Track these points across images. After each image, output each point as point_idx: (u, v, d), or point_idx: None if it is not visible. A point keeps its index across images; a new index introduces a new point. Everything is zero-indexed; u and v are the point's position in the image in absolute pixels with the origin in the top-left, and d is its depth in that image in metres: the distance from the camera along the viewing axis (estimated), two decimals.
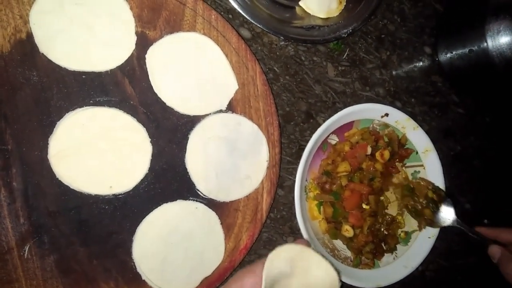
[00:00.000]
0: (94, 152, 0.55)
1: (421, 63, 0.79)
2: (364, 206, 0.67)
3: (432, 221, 0.68)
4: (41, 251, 0.52)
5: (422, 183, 0.70)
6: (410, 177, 0.73)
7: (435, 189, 0.69)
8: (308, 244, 0.46)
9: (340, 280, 0.45)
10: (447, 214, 0.68)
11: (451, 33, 0.78)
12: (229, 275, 0.60)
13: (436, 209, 0.68)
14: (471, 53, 0.74)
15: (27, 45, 0.53)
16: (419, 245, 0.71)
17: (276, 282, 0.42)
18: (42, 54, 0.53)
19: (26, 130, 0.53)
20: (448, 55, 0.78)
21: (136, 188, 0.57)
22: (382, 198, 0.71)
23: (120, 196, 0.56)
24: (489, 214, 0.84)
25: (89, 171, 0.54)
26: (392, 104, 0.74)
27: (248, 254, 0.63)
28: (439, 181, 0.71)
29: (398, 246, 0.71)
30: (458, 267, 0.81)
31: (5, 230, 0.51)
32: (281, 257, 0.42)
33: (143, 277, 0.56)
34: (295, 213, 0.61)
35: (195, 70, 0.60)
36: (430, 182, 0.70)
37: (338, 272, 0.44)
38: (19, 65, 0.52)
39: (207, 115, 0.60)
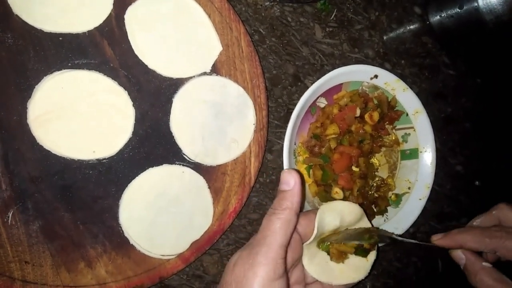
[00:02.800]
0: (75, 116, 0.53)
1: (411, 24, 0.77)
2: (354, 168, 0.67)
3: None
4: (25, 217, 0.51)
5: None
6: (400, 140, 0.72)
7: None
8: None
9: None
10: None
11: None
12: (219, 238, 0.60)
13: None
14: (461, 12, 0.73)
15: (0, 7, 0.51)
16: (409, 207, 0.71)
17: (325, 230, 0.49)
18: (16, 15, 0.51)
19: (3, 95, 0.51)
20: (439, 15, 0.76)
21: (120, 152, 0.56)
22: (372, 160, 0.71)
23: (104, 161, 0.55)
24: (480, 176, 0.84)
25: (71, 135, 0.53)
26: (381, 66, 0.72)
27: (238, 219, 0.63)
28: (429, 143, 0.71)
29: (389, 208, 0.70)
30: (451, 228, 0.81)
31: None
32: (332, 209, 0.49)
33: (131, 242, 0.55)
34: None
35: (176, 31, 0.58)
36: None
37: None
38: None
39: (191, 77, 0.59)
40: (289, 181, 0.44)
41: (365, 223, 0.52)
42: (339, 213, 0.49)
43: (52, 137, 0.52)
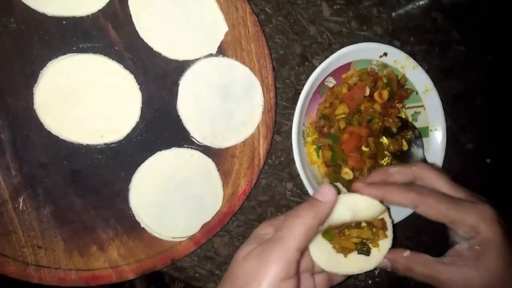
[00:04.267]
0: (82, 101, 0.53)
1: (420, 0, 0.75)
2: (363, 148, 0.66)
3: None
4: (36, 203, 0.52)
5: None
6: (410, 118, 0.71)
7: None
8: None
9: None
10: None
11: None
12: (229, 220, 0.60)
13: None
14: None
15: None
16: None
17: (334, 221, 0.46)
18: None
19: (9, 81, 0.51)
20: None
21: (128, 136, 0.55)
22: (381, 140, 0.70)
23: (113, 145, 0.55)
24: (492, 153, 0.82)
25: (78, 120, 0.53)
26: (390, 44, 0.71)
27: (247, 200, 0.63)
28: (439, 121, 0.70)
29: None
30: None
31: None
32: (343, 203, 0.45)
33: (142, 225, 0.56)
34: (293, 158, 0.60)
35: (181, 12, 0.57)
36: None
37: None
38: None
39: (197, 59, 0.58)
40: (326, 195, 0.43)
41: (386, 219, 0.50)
42: (351, 208, 0.46)
43: (59, 123, 0.52)
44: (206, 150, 0.59)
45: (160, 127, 0.57)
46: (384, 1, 0.72)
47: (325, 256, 0.47)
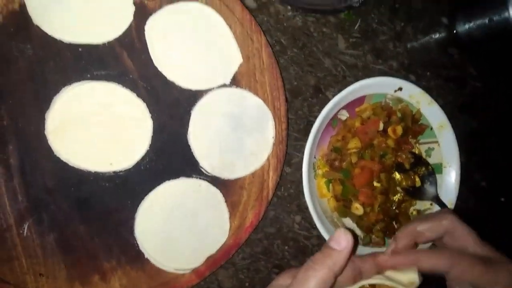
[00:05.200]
0: (93, 128, 0.53)
1: (437, 34, 0.75)
2: (375, 183, 0.65)
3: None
4: (40, 229, 0.51)
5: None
6: (424, 154, 0.70)
7: None
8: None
9: None
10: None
11: (470, 2, 0.74)
12: (234, 253, 0.59)
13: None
14: (491, 22, 0.70)
15: (20, 17, 0.50)
16: None
17: None
18: (36, 25, 0.51)
19: (22, 105, 0.51)
20: (467, 25, 0.73)
21: (137, 165, 0.55)
22: (394, 175, 0.68)
23: (121, 173, 0.54)
24: (506, 192, 0.80)
25: (88, 147, 0.53)
26: (406, 78, 0.70)
27: (254, 232, 0.62)
28: (454, 158, 0.68)
29: None
30: None
31: (2, 207, 0.50)
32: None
33: (146, 255, 0.55)
34: (302, 191, 0.59)
35: (197, 42, 0.57)
36: None
37: None
38: (13, 38, 0.50)
39: (210, 89, 0.58)
40: (341, 242, 0.40)
41: None
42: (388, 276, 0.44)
43: (69, 149, 0.52)
44: (215, 181, 0.58)
45: (170, 156, 0.56)
46: (400, 36, 0.71)
47: None
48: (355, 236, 0.43)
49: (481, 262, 0.43)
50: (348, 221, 0.66)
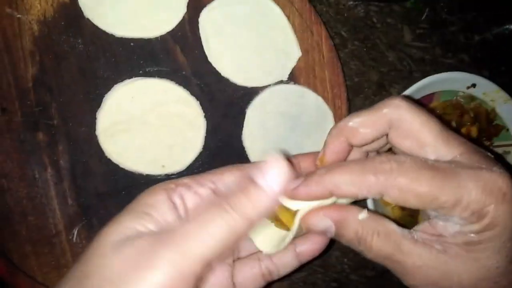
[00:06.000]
0: (145, 128, 0.50)
1: None
2: None
3: None
4: (90, 235, 0.48)
5: None
6: None
7: None
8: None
9: None
10: None
11: None
12: None
13: None
14: None
15: (71, 9, 0.48)
16: None
17: None
18: (87, 19, 0.48)
19: (72, 104, 0.48)
20: None
21: (190, 167, 0.51)
22: None
23: (173, 176, 0.51)
24: None
25: (140, 149, 0.50)
26: (478, 73, 0.63)
27: None
28: None
29: None
30: None
31: (52, 211, 0.47)
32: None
33: None
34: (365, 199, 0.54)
35: (253, 36, 0.53)
36: None
37: None
38: (63, 32, 0.48)
39: (266, 86, 0.54)
40: (269, 174, 0.27)
41: None
42: None
43: (120, 150, 0.49)
44: None
45: (223, 158, 0.53)
46: (472, 26, 0.65)
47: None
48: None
49: (431, 173, 0.27)
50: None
